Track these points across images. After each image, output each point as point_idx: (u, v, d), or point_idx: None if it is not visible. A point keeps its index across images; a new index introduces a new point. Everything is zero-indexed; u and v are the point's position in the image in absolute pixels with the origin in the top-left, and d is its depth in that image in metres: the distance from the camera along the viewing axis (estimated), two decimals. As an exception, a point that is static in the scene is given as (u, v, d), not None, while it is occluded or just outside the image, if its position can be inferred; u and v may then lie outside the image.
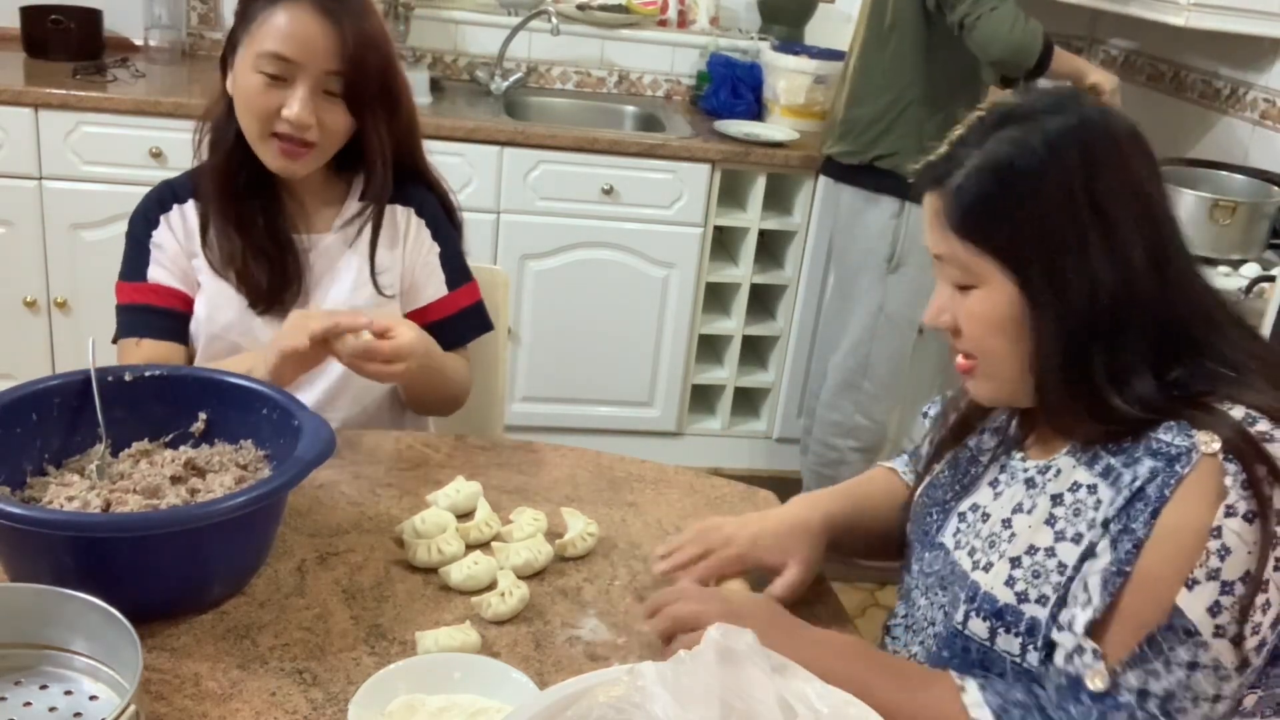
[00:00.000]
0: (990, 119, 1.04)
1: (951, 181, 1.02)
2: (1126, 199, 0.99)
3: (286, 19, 1.43)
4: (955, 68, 2.61)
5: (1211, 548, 0.93)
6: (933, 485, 1.22)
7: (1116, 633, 0.96)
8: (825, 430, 2.94)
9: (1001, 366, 1.05)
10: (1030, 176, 0.99)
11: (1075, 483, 1.04)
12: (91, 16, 3.08)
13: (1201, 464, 0.94)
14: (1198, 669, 0.93)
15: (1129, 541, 0.96)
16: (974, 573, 1.08)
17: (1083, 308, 0.99)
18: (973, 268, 1.03)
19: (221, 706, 1.00)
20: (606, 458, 1.54)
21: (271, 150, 1.48)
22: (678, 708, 0.73)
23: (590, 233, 3.04)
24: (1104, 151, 1.00)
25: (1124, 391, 1.00)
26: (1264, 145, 2.74)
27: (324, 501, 1.34)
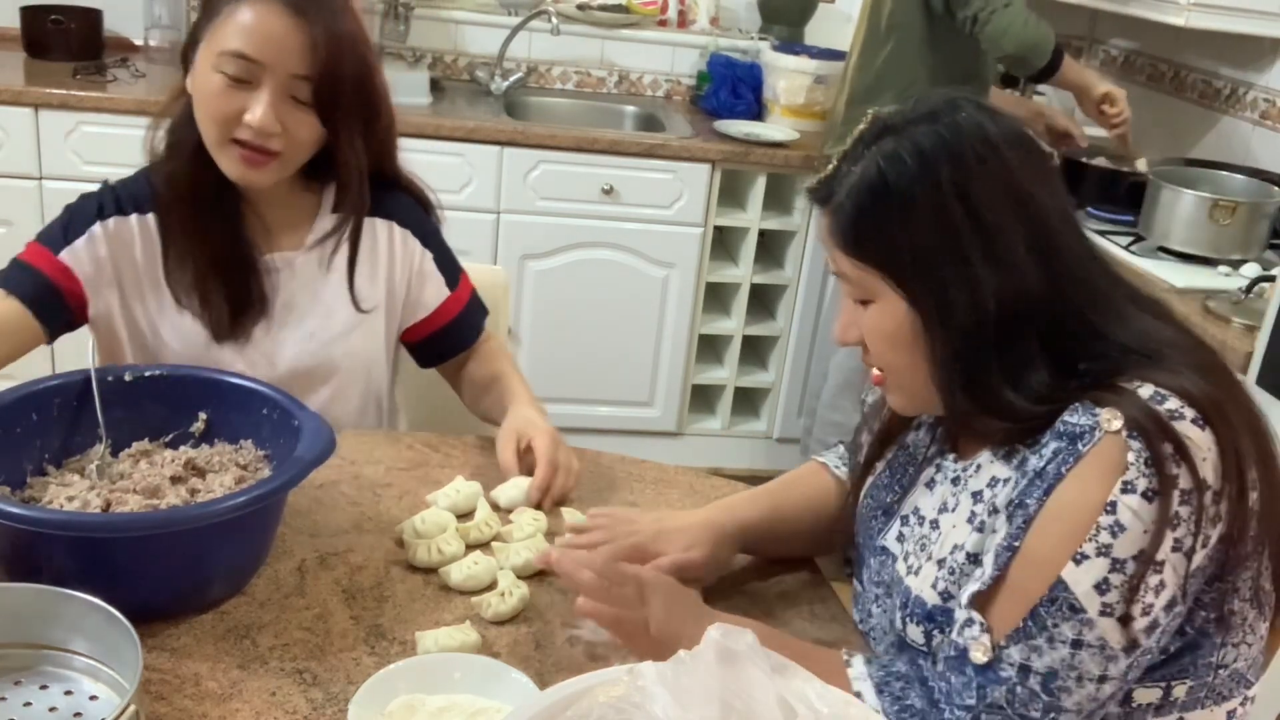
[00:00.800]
0: (869, 133, 1.04)
1: (834, 200, 1.03)
2: (1004, 202, 0.99)
3: (252, 15, 1.32)
4: (956, 67, 2.61)
5: (1104, 523, 0.91)
6: (875, 487, 1.22)
7: (1002, 606, 0.95)
8: (825, 430, 2.94)
9: (907, 379, 1.06)
10: (902, 191, 0.99)
11: (993, 478, 1.05)
12: (91, 16, 3.09)
13: (1104, 441, 0.93)
14: (1082, 647, 0.93)
15: (1021, 517, 0.96)
16: (907, 578, 1.09)
17: (970, 315, 0.99)
18: (864, 284, 1.04)
19: (221, 706, 1.00)
20: (606, 458, 1.54)
21: (231, 157, 1.36)
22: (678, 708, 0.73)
23: (590, 233, 3.04)
24: (977, 157, 0.99)
25: (1020, 388, 1.00)
26: (1264, 145, 2.74)
27: (324, 501, 1.34)
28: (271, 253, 1.48)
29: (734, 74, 3.35)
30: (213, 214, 1.42)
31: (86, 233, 1.42)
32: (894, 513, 1.17)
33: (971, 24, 2.46)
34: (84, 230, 1.42)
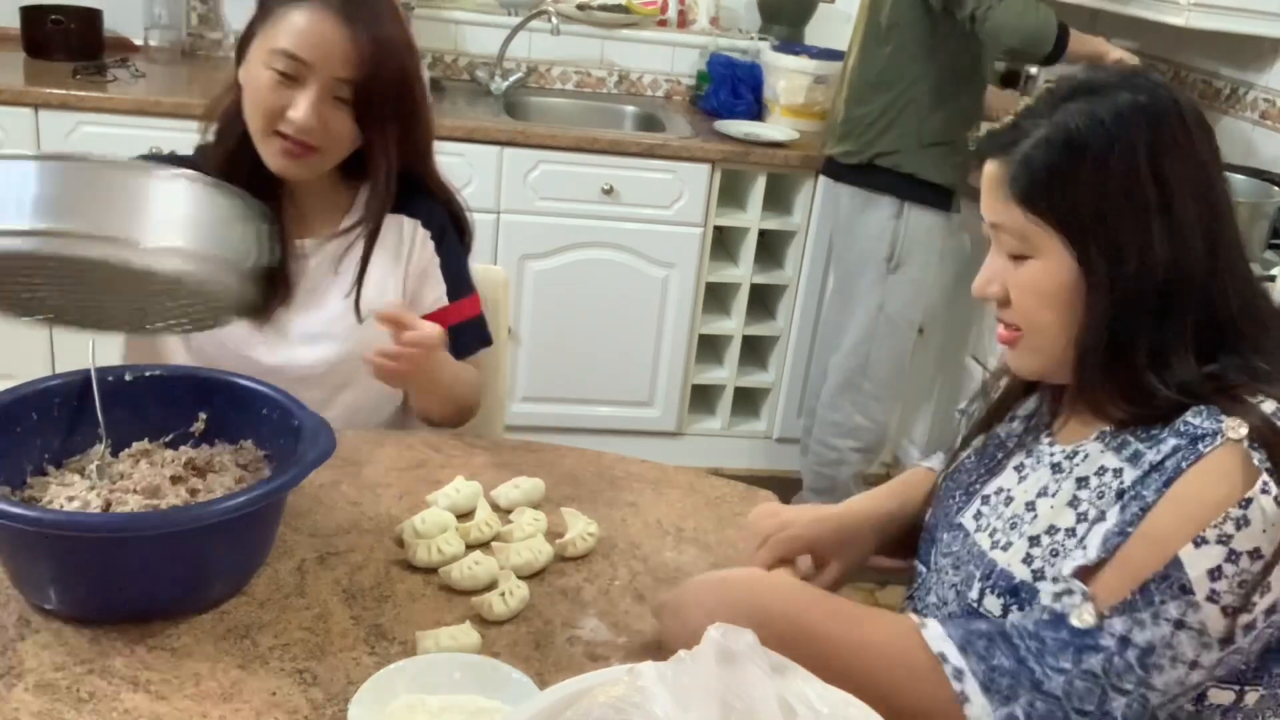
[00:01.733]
0: (1060, 91, 1.04)
1: (1018, 150, 1.03)
2: (1189, 179, 1.00)
3: (304, 18, 1.40)
4: (955, 65, 2.61)
5: (1233, 514, 0.92)
6: (958, 470, 1.22)
7: (1110, 578, 0.95)
8: (825, 430, 2.94)
9: (1047, 339, 1.06)
10: (1098, 149, 0.99)
11: (1102, 467, 1.04)
12: (91, 16, 3.09)
13: (1225, 447, 0.94)
14: (1184, 628, 0.92)
15: (1136, 505, 0.96)
16: (992, 551, 1.08)
17: (1136, 284, 0.99)
18: (1031, 238, 1.03)
19: (221, 706, 1.00)
20: (606, 458, 1.54)
21: (273, 148, 1.45)
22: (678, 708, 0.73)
23: (590, 233, 3.04)
24: (1171, 130, 1.00)
25: (1163, 373, 1.00)
26: (1264, 145, 2.74)
27: (324, 501, 1.34)
28: (303, 240, 1.54)
29: (734, 74, 3.35)
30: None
31: None
32: (974, 492, 1.17)
33: (970, 22, 2.46)
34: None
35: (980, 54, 2.64)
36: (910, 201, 2.68)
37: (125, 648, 1.06)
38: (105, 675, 1.02)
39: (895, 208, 2.70)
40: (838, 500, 1.32)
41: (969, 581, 1.09)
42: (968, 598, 1.08)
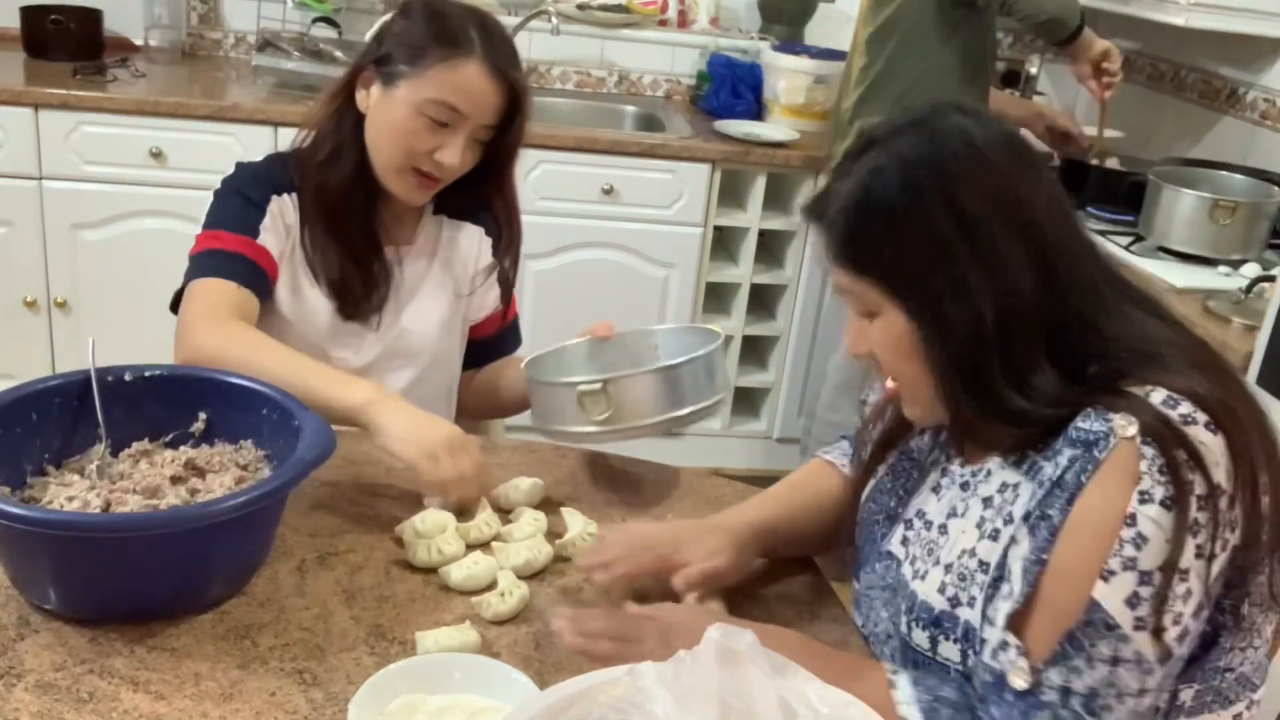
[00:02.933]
0: (855, 147, 1.04)
1: (826, 216, 1.04)
2: (992, 207, 0.98)
3: (466, 76, 1.44)
4: (961, 61, 2.61)
5: (1126, 536, 0.91)
6: (877, 491, 1.21)
7: (1038, 627, 0.95)
8: (825, 430, 2.94)
9: (918, 389, 1.06)
10: (887, 203, 0.99)
11: (1003, 483, 1.04)
12: (91, 16, 3.08)
13: (1119, 448, 0.92)
14: (1120, 664, 0.92)
15: (1045, 529, 0.95)
16: (913, 582, 1.08)
17: (966, 323, 0.98)
18: (864, 298, 1.04)
19: (221, 706, 1.00)
20: (607, 458, 1.54)
21: (408, 183, 1.50)
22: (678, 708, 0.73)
23: (590, 233, 3.04)
24: (962, 164, 0.99)
25: (1026, 392, 0.99)
26: (1264, 145, 2.74)
27: (324, 501, 1.34)
28: (387, 245, 1.60)
29: (734, 74, 3.35)
30: (357, 217, 1.55)
31: (266, 212, 1.51)
32: (897, 517, 1.16)
33: (1002, 6, 2.46)
34: (264, 210, 1.51)
35: (986, 50, 2.64)
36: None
37: (125, 648, 1.06)
38: (105, 675, 1.02)
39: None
40: None
41: (899, 614, 1.09)
42: (900, 631, 1.09)
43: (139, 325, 2.83)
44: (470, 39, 1.45)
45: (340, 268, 1.54)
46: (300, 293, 1.56)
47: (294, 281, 1.55)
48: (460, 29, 1.46)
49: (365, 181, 1.52)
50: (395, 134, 1.47)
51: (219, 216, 1.51)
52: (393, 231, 1.61)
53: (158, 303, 2.93)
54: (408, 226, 1.62)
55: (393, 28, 1.50)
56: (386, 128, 1.48)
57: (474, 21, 1.48)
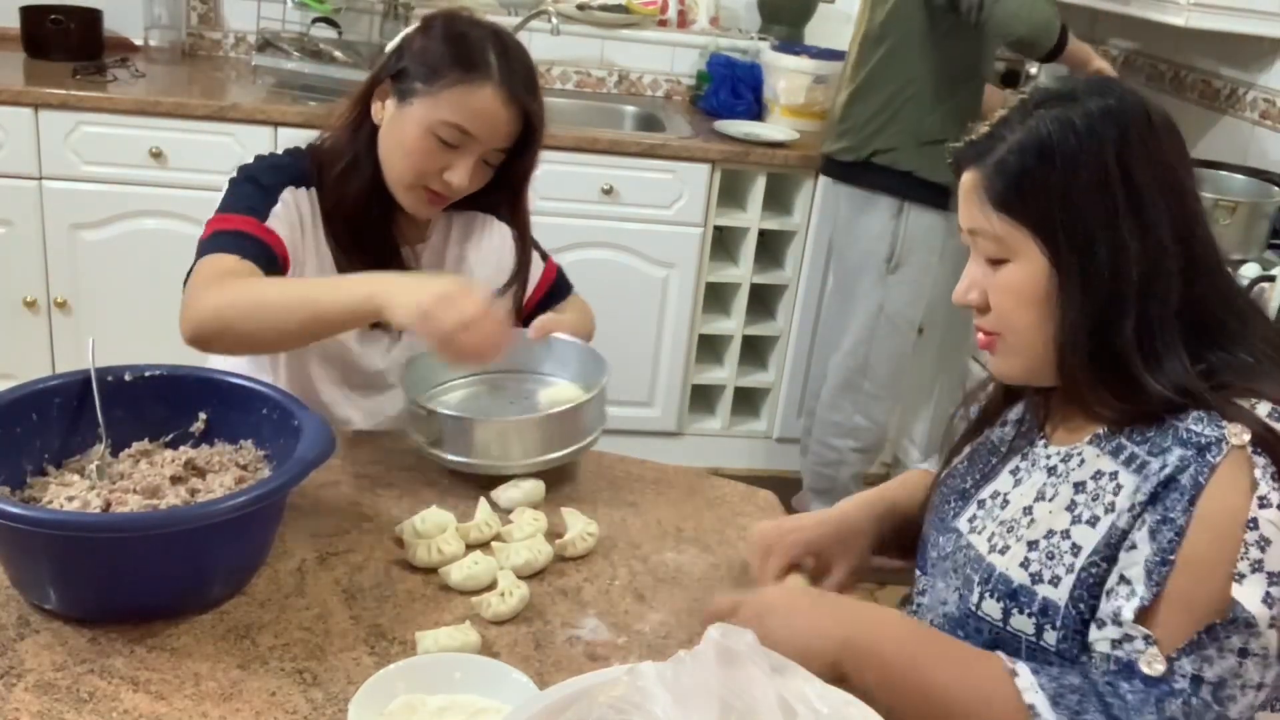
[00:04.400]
0: (1033, 100, 1.07)
1: (992, 157, 1.06)
2: (1157, 180, 1.02)
3: (481, 101, 1.44)
4: (954, 63, 2.61)
5: (1249, 539, 0.94)
6: (951, 475, 1.24)
7: (1168, 618, 0.96)
8: (825, 430, 2.94)
9: (1027, 342, 1.07)
10: (1069, 153, 1.02)
11: (1098, 470, 1.05)
12: (91, 16, 3.09)
13: (1232, 454, 0.96)
14: (1249, 656, 0.95)
15: (1169, 530, 0.97)
16: (990, 555, 1.10)
17: (1111, 282, 1.01)
18: (1007, 241, 1.05)
19: (221, 706, 1.00)
20: (606, 458, 1.54)
21: (418, 199, 1.51)
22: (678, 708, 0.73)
23: (590, 233, 3.04)
24: (1139, 133, 1.03)
25: (1154, 371, 1.02)
26: (1264, 145, 2.74)
27: (324, 501, 1.34)
28: (403, 246, 1.60)
29: (734, 74, 3.35)
30: (375, 225, 1.56)
31: (279, 200, 1.50)
32: (969, 497, 1.18)
33: (977, 12, 2.45)
34: (276, 198, 1.50)
35: (979, 52, 2.64)
36: (909, 201, 2.68)
37: (125, 648, 1.06)
38: (105, 675, 1.02)
39: (895, 208, 2.70)
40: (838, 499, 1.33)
41: (969, 585, 1.10)
42: (969, 601, 1.09)
43: (139, 325, 2.84)
44: (488, 63, 1.44)
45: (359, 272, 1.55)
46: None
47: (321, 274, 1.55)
48: (479, 52, 1.45)
49: (381, 192, 1.52)
50: (406, 152, 1.47)
51: (229, 202, 1.49)
52: (407, 232, 1.61)
53: (158, 303, 2.93)
54: (420, 225, 1.63)
55: (413, 43, 1.49)
56: (398, 145, 1.48)
57: (494, 45, 1.47)
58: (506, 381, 1.57)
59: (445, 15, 1.51)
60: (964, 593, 1.11)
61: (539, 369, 1.59)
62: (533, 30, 3.34)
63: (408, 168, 1.48)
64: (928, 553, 1.21)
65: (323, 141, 1.57)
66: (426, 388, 1.53)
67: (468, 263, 1.66)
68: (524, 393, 1.55)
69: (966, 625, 1.10)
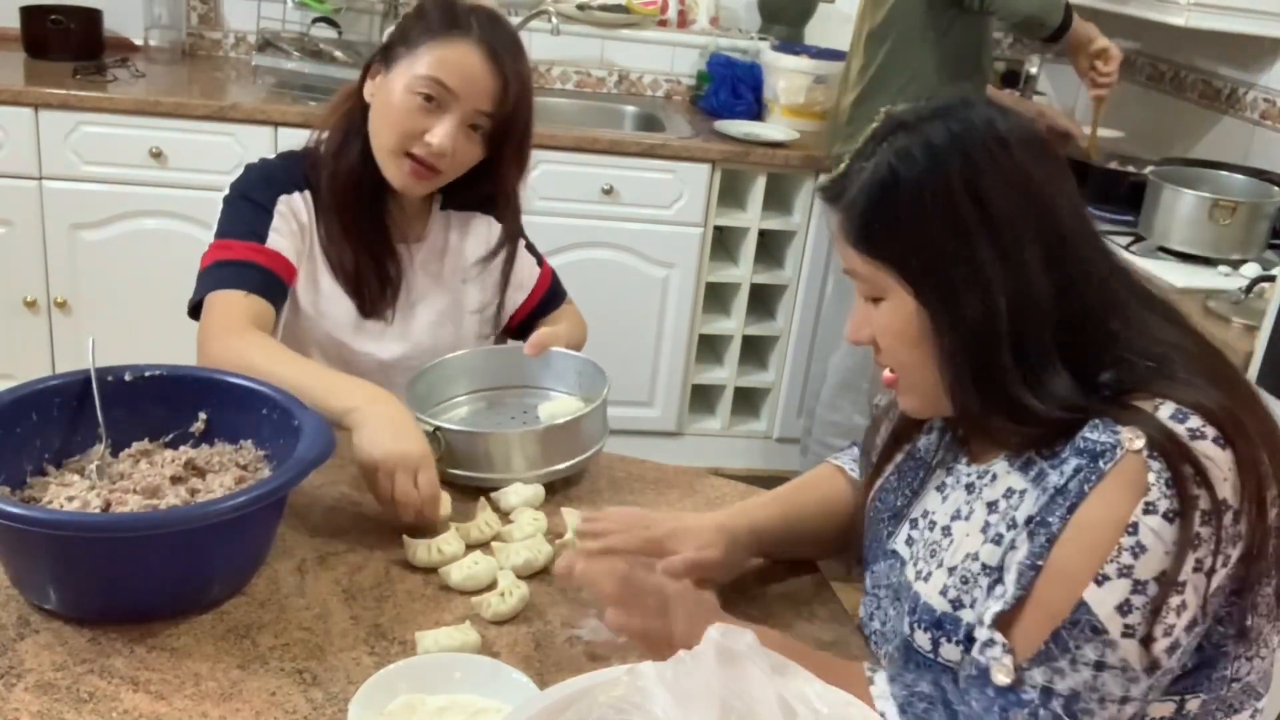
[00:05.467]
0: (881, 130, 1.04)
1: (845, 197, 1.03)
2: (1015, 200, 0.98)
3: (456, 51, 1.45)
4: (956, 60, 2.61)
5: (1125, 544, 0.91)
6: (884, 490, 1.21)
7: (1025, 626, 0.95)
8: (824, 430, 2.94)
9: (918, 378, 1.05)
10: (912, 186, 0.99)
11: (1009, 489, 1.03)
12: (91, 16, 3.09)
13: (1125, 460, 0.93)
14: (1105, 669, 0.92)
15: (1044, 535, 0.95)
16: (916, 583, 1.08)
17: (980, 313, 0.98)
18: (875, 281, 1.03)
19: (221, 706, 1.00)
20: (606, 458, 1.54)
21: (400, 168, 1.50)
22: (678, 708, 0.73)
23: (590, 233, 3.04)
24: (989, 155, 0.99)
25: (1039, 392, 0.98)
26: (1264, 145, 2.74)
27: (324, 501, 1.34)
28: (399, 242, 1.61)
29: (734, 74, 3.35)
30: (367, 208, 1.56)
31: (274, 213, 1.51)
32: (903, 516, 1.16)
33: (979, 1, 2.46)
34: (271, 211, 1.51)
35: (981, 46, 2.64)
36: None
37: (125, 648, 1.06)
38: (105, 675, 1.02)
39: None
40: None
41: (902, 615, 1.09)
42: (903, 632, 1.08)
43: (139, 325, 2.84)
44: (469, 24, 1.47)
45: (355, 264, 1.56)
46: (320, 290, 1.57)
47: (314, 279, 1.56)
48: (462, 15, 1.48)
49: (371, 171, 1.53)
50: (389, 114, 1.48)
51: (227, 225, 1.51)
52: (404, 229, 1.62)
53: (158, 303, 2.94)
54: (418, 223, 1.63)
55: (404, 24, 1.52)
56: (382, 109, 1.50)
57: (480, 13, 1.49)
58: (506, 397, 1.58)
59: None
60: (900, 623, 1.10)
61: (539, 383, 1.59)
62: (533, 30, 3.34)
63: (391, 132, 1.48)
64: (868, 576, 1.20)
65: (318, 142, 1.58)
66: (430, 404, 1.53)
67: (464, 262, 1.67)
68: (525, 407, 1.56)
69: (910, 657, 1.08)
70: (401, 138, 1.48)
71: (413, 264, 1.63)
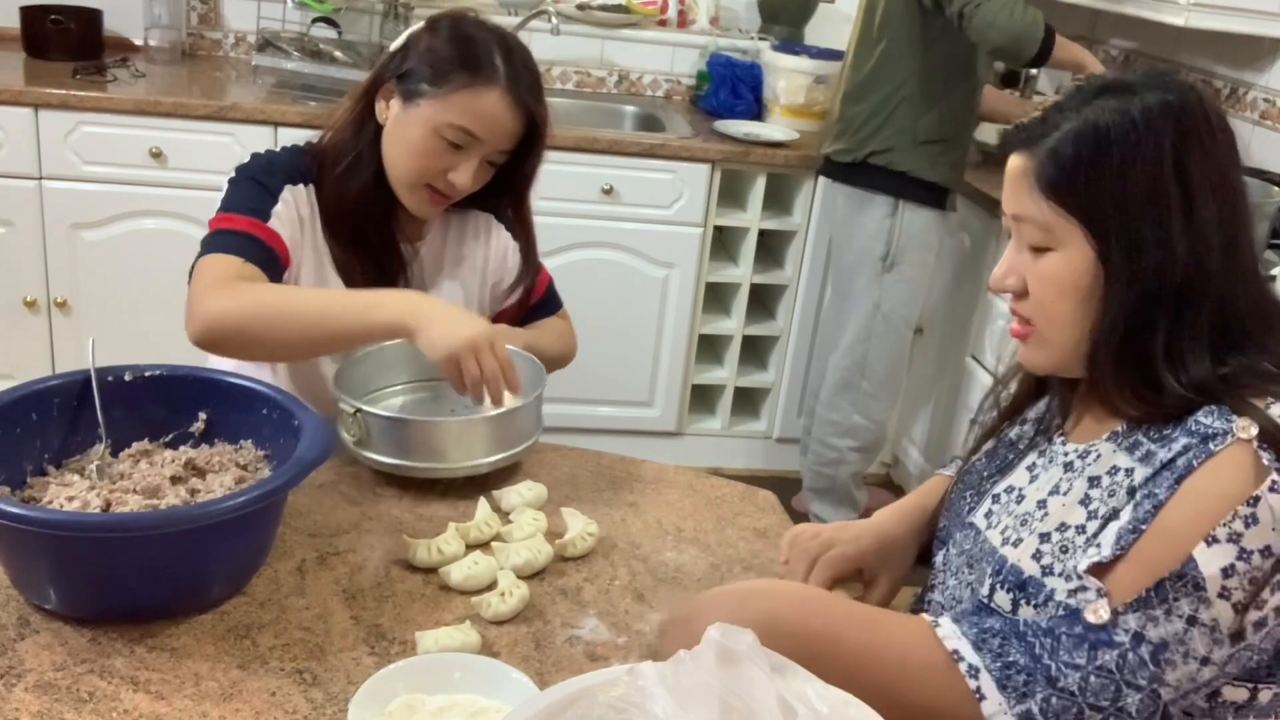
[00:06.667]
0: (1089, 88, 1.06)
1: (1045, 143, 1.04)
2: (1210, 180, 1.01)
3: (489, 104, 1.46)
4: (948, 63, 2.61)
5: (1241, 513, 0.93)
6: (969, 471, 1.24)
7: (1125, 574, 0.96)
8: (824, 430, 2.94)
9: (1061, 332, 1.07)
10: (1125, 145, 1.01)
11: (1114, 466, 1.05)
12: (91, 16, 3.09)
13: (1234, 446, 0.95)
14: (1196, 624, 0.94)
15: (1149, 503, 0.97)
16: (1003, 548, 1.09)
17: (1154, 279, 1.01)
18: (1054, 230, 1.04)
19: (221, 706, 1.00)
20: (606, 458, 1.54)
21: (419, 198, 1.52)
22: (678, 708, 0.73)
23: (590, 233, 3.04)
24: (1197, 132, 1.02)
25: (1178, 371, 1.01)
26: (1264, 145, 2.74)
27: (324, 501, 1.34)
28: (402, 243, 1.62)
29: (734, 74, 3.35)
30: (376, 222, 1.57)
31: (279, 199, 1.50)
32: (985, 492, 1.18)
33: (959, 19, 2.46)
34: (277, 198, 1.50)
35: (974, 52, 2.64)
36: (905, 200, 2.68)
37: (125, 648, 1.06)
38: (105, 675, 1.02)
39: (890, 206, 2.70)
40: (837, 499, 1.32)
41: (981, 578, 1.10)
42: (979, 594, 1.09)
43: (139, 325, 2.84)
44: (495, 66, 1.46)
45: (362, 270, 1.56)
46: (326, 282, 1.56)
47: (320, 277, 1.56)
48: (486, 55, 1.46)
49: (382, 191, 1.54)
50: (411, 152, 1.49)
51: (231, 201, 1.49)
52: (407, 229, 1.62)
53: (158, 303, 2.94)
54: (419, 223, 1.64)
55: (419, 43, 1.50)
56: (403, 144, 1.49)
57: (500, 48, 1.48)
58: (445, 388, 1.54)
59: (452, 16, 1.52)
60: (975, 586, 1.11)
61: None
62: (533, 30, 3.34)
63: (412, 168, 1.49)
64: (946, 549, 1.21)
65: (323, 139, 1.57)
66: (365, 390, 1.52)
67: (465, 262, 1.67)
68: (463, 400, 1.54)
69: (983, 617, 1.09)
70: (423, 174, 1.49)
71: (416, 265, 1.63)
